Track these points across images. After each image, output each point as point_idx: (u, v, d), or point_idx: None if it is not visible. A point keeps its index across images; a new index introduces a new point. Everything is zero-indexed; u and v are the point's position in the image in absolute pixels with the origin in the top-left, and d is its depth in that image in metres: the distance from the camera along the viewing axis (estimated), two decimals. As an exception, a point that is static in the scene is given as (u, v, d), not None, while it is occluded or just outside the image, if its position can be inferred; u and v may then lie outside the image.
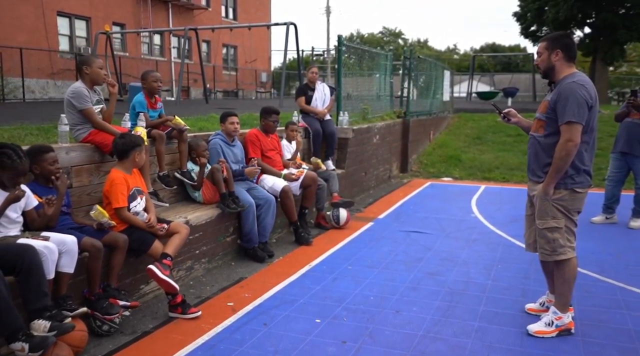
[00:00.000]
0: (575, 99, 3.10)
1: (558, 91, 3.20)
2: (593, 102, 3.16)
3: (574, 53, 3.29)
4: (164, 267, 3.51)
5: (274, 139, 5.83)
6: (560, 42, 3.25)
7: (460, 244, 5.62)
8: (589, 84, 3.19)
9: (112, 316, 3.27)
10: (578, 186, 3.25)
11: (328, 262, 4.98)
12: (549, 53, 3.27)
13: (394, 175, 10.11)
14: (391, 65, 10.34)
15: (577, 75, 3.23)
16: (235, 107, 14.15)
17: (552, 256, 3.36)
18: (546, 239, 3.36)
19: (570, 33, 4.00)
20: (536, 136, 3.36)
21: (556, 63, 3.26)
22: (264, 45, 32.86)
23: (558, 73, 3.27)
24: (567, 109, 3.10)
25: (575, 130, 3.11)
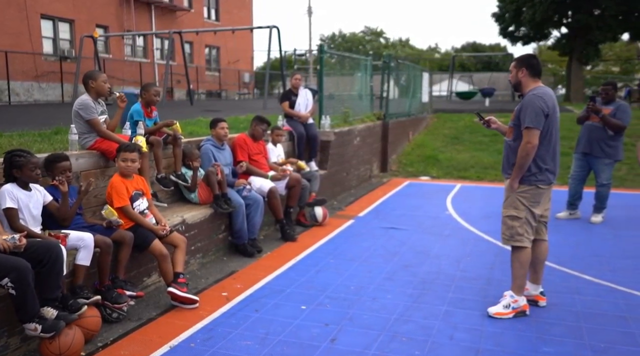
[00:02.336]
0: (533, 108, 3.67)
1: (522, 102, 3.79)
2: (550, 111, 3.71)
3: (538, 70, 3.86)
4: (180, 286, 3.97)
5: (261, 144, 6.25)
6: (525, 61, 3.84)
7: (434, 239, 6.10)
8: (547, 96, 3.75)
9: (120, 304, 3.68)
10: (541, 183, 3.80)
11: (312, 256, 5.42)
12: (516, 70, 3.86)
13: (375, 175, 10.59)
14: (371, 69, 10.79)
15: (539, 88, 3.80)
16: (220, 109, 14.51)
17: (510, 241, 3.89)
18: (507, 226, 3.89)
19: (535, 54, 4.46)
20: (507, 141, 3.95)
21: (522, 79, 3.84)
22: (247, 46, 33.16)
23: (524, 87, 3.84)
24: (527, 117, 3.68)
25: (533, 134, 3.67)
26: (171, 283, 3.97)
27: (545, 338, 3.59)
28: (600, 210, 6.92)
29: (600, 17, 25.38)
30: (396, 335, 3.60)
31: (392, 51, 59.27)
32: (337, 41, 64.53)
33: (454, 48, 61.26)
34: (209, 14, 30.31)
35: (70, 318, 3.22)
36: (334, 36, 65.05)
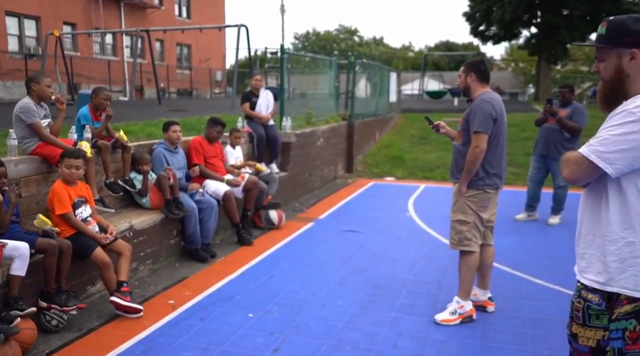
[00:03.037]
0: (482, 113, 3.68)
1: (471, 107, 3.80)
2: (498, 116, 3.74)
3: (486, 76, 3.88)
4: (124, 295, 3.87)
5: (217, 147, 6.16)
6: (474, 67, 3.87)
7: (391, 242, 6.10)
8: (495, 101, 3.78)
9: (70, 307, 3.59)
10: (488, 187, 3.82)
11: (267, 261, 5.37)
12: (465, 75, 3.87)
13: (339, 176, 10.58)
14: (336, 69, 10.77)
15: (487, 94, 3.81)
16: (187, 109, 14.31)
17: (458, 246, 3.89)
18: (455, 230, 3.90)
19: (483, 60, 4.53)
20: (456, 145, 3.96)
21: (471, 84, 3.85)
22: (219, 44, 32.84)
23: (473, 91, 3.86)
24: (476, 121, 3.69)
25: (482, 138, 3.69)
26: (114, 292, 3.87)
27: (489, 345, 3.61)
28: (557, 212, 7.02)
29: (568, 17, 25.87)
30: (340, 343, 3.57)
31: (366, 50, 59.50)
32: (311, 39, 64.47)
33: (428, 47, 61.78)
34: (180, 11, 29.92)
35: (11, 331, 3.11)
36: (308, 34, 64.97)
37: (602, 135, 1.85)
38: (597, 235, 1.93)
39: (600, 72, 1.99)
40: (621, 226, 1.86)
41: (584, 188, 2.03)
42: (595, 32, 2.06)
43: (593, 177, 1.89)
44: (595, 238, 1.94)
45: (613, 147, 1.79)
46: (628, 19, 1.90)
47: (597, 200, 1.94)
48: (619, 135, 1.79)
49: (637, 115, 1.78)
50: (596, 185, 1.94)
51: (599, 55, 1.98)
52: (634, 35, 1.87)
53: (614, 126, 1.82)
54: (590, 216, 1.98)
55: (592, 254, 1.93)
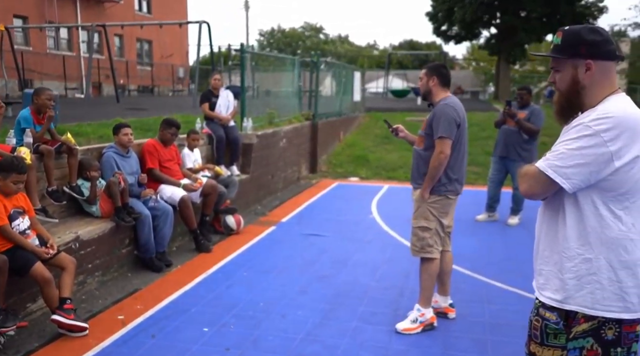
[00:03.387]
0: (446, 118, 3.62)
1: (434, 112, 3.72)
2: (461, 121, 3.69)
3: (447, 80, 3.82)
4: (67, 312, 3.61)
5: (172, 150, 5.92)
6: (436, 70, 3.79)
7: (354, 246, 5.99)
8: (458, 106, 3.73)
9: (7, 328, 3.35)
10: (450, 193, 3.77)
11: (225, 269, 5.18)
12: (427, 78, 3.79)
13: (303, 176, 10.43)
14: (299, 68, 10.61)
15: (450, 98, 3.76)
16: (146, 107, 13.89)
17: (420, 253, 3.81)
18: (417, 237, 3.81)
19: (444, 64, 4.52)
20: (418, 150, 3.86)
21: (432, 87, 3.77)
22: (181, 39, 32.16)
23: (434, 96, 3.78)
24: (440, 126, 3.62)
25: (446, 144, 3.63)
26: (56, 309, 3.61)
27: (450, 353, 3.54)
28: (516, 212, 7.07)
29: (525, 19, 26.42)
30: (299, 358, 3.43)
31: (331, 47, 59.52)
32: (277, 36, 64.01)
33: (392, 45, 62.27)
34: (140, 6, 29.16)
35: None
36: (273, 31, 64.47)
37: (559, 149, 1.80)
38: (554, 251, 1.89)
39: (556, 83, 1.94)
40: (578, 242, 1.82)
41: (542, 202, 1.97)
42: (551, 34, 2.00)
43: (550, 192, 1.85)
44: (553, 255, 1.89)
45: (570, 162, 1.75)
46: (583, 30, 1.84)
47: (554, 215, 1.89)
48: (576, 149, 1.75)
49: (593, 129, 1.73)
50: (553, 199, 1.88)
51: (555, 65, 1.92)
52: (589, 46, 1.82)
53: (570, 140, 1.77)
54: (547, 231, 1.93)
55: (549, 271, 1.89)
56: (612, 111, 1.74)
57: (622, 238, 1.77)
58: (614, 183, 1.74)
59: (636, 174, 1.74)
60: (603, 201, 1.77)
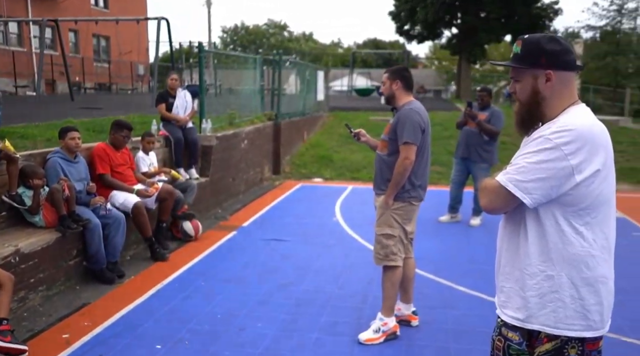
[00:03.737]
0: (411, 123, 3.53)
1: (398, 116, 3.61)
2: (425, 126, 3.62)
3: (411, 83, 3.74)
4: (2, 335, 3.33)
5: (125, 154, 5.64)
6: (399, 74, 3.70)
7: (317, 251, 5.85)
8: (422, 111, 3.65)
9: None
10: (414, 199, 3.68)
11: (182, 279, 4.95)
12: (391, 82, 3.68)
13: (266, 178, 10.24)
14: (261, 68, 10.40)
15: (414, 103, 3.67)
16: (101, 107, 13.38)
17: (384, 261, 3.70)
18: (381, 244, 3.70)
19: (407, 67, 4.48)
20: (381, 155, 3.75)
21: (396, 91, 3.68)
22: (141, 36, 31.30)
23: (398, 100, 3.68)
24: (405, 132, 3.52)
25: (411, 149, 3.54)
26: (-8, 331, 3.34)
27: (414, 365, 3.44)
28: (478, 213, 7.07)
29: (485, 19, 26.89)
30: (257, 375, 3.27)
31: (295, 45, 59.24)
32: (240, 34, 63.28)
33: (356, 44, 62.47)
34: (97, 1, 28.26)
35: None
36: (237, 28, 63.70)
37: (519, 162, 1.73)
38: (515, 267, 1.82)
39: (516, 93, 1.86)
40: (539, 258, 1.75)
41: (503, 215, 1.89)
42: (509, 34, 1.93)
43: (511, 207, 1.77)
44: (514, 271, 1.82)
45: (530, 176, 1.68)
46: (542, 39, 1.78)
47: (515, 230, 1.82)
48: (536, 163, 1.68)
49: (553, 142, 1.67)
50: (514, 214, 1.81)
51: (515, 75, 1.86)
52: (549, 56, 1.75)
53: (530, 153, 1.71)
54: (508, 247, 1.86)
55: (510, 288, 1.83)
56: (573, 123, 1.69)
57: (583, 254, 1.72)
58: (575, 198, 1.69)
59: (597, 189, 1.69)
60: (564, 216, 1.71)
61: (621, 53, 26.77)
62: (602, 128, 1.74)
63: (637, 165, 11.30)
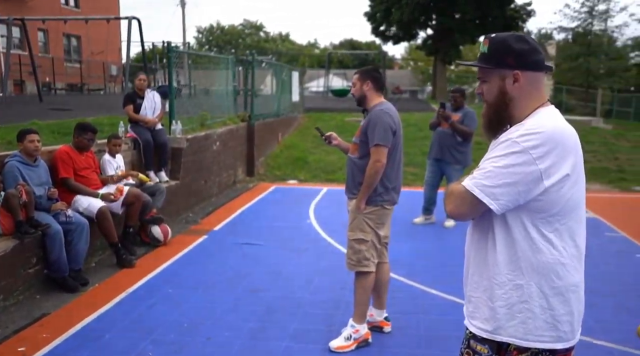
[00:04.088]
0: (382, 125, 3.45)
1: (368, 118, 3.54)
2: (396, 127, 3.55)
3: (381, 84, 3.68)
4: None
5: (89, 157, 5.45)
6: (370, 74, 3.63)
7: (290, 255, 5.74)
8: (393, 112, 3.57)
9: None
10: (387, 203, 3.60)
11: (149, 286, 4.79)
12: (361, 83, 3.61)
13: (240, 180, 10.08)
14: (234, 68, 10.24)
15: (384, 104, 3.60)
16: (71, 108, 13.06)
17: (357, 266, 3.61)
18: (354, 250, 3.61)
19: (378, 68, 4.43)
20: (352, 158, 3.66)
21: (367, 92, 3.60)
22: (113, 35, 30.71)
23: (369, 101, 3.61)
24: (376, 134, 3.45)
25: (382, 152, 3.46)
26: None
27: (385, 373, 3.35)
28: (453, 215, 7.04)
29: (460, 20, 27.15)
30: (223, 387, 3.15)
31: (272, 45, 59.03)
32: (216, 34, 62.74)
33: (333, 44, 62.51)
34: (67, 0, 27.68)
35: None
36: (212, 28, 63.14)
37: (486, 166, 1.66)
38: (483, 276, 1.75)
39: (483, 94, 1.79)
40: (508, 267, 1.68)
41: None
42: (484, 36, 1.86)
43: (478, 213, 1.70)
44: (482, 281, 1.75)
45: (497, 181, 1.61)
46: (510, 38, 1.71)
47: (482, 238, 1.75)
48: (503, 167, 1.61)
49: (521, 146, 1.60)
50: (481, 221, 1.74)
51: (482, 76, 1.78)
52: (517, 56, 1.68)
53: (497, 157, 1.64)
54: (476, 255, 1.78)
55: (478, 298, 1.76)
56: (541, 126, 1.62)
57: (553, 262, 1.66)
58: (544, 204, 1.62)
59: (566, 194, 1.63)
60: (533, 223, 1.65)
61: (592, 54, 27.32)
62: (572, 131, 1.68)
63: (608, 165, 11.48)
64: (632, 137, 14.41)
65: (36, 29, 23.54)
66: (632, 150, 12.73)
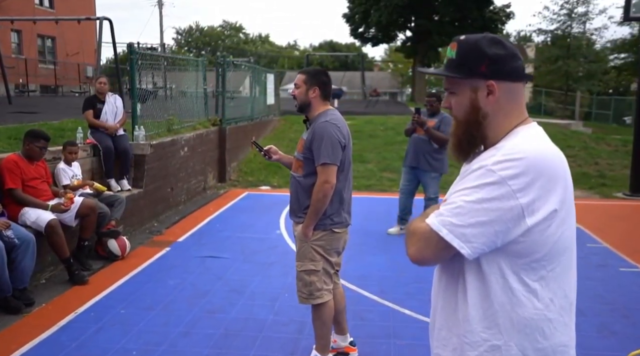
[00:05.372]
0: (329, 140, 3.04)
1: (313, 130, 3.12)
2: (346, 141, 3.15)
3: (329, 91, 3.24)
4: None
5: (40, 166, 5.08)
6: (318, 79, 3.18)
7: (255, 269, 5.43)
8: (341, 123, 3.16)
9: None
10: (337, 226, 3.20)
11: (100, 306, 4.44)
12: (307, 88, 3.17)
13: (210, 186, 9.73)
14: (204, 71, 9.89)
15: (330, 113, 3.17)
16: (39, 111, 12.60)
17: (309, 300, 3.26)
18: (303, 282, 3.24)
19: (327, 71, 4.11)
20: (296, 176, 3.25)
21: (313, 100, 3.17)
22: (89, 36, 30.08)
23: (314, 110, 3.19)
24: (322, 151, 3.03)
25: (331, 171, 3.06)
26: None
27: (348, 407, 3.07)
28: (429, 224, 6.79)
29: (439, 22, 27.10)
30: None
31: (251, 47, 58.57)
32: (195, 35, 62.08)
33: (313, 46, 62.26)
34: (42, 0, 27.00)
35: None
36: (191, 30, 62.47)
37: (455, 200, 1.34)
38: (453, 332, 1.44)
39: (452, 108, 1.48)
40: (482, 324, 1.37)
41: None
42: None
43: (446, 257, 1.39)
44: (451, 337, 1.44)
45: (469, 219, 1.30)
46: (483, 40, 1.40)
47: (451, 286, 1.44)
48: (476, 202, 1.30)
49: (497, 175, 1.30)
50: (451, 265, 1.43)
51: (450, 86, 1.47)
52: (491, 62, 1.38)
53: (469, 189, 1.33)
54: (444, 305, 1.47)
55: None
56: (522, 150, 1.33)
57: (538, 319, 1.36)
58: (527, 246, 1.32)
59: (554, 234, 1.33)
60: (513, 270, 1.35)
61: (572, 57, 27.46)
62: (559, 156, 1.39)
63: (588, 170, 11.36)
64: (612, 140, 14.37)
65: (9, 30, 22.89)
66: (613, 155, 12.66)
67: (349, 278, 5.16)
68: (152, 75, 9.57)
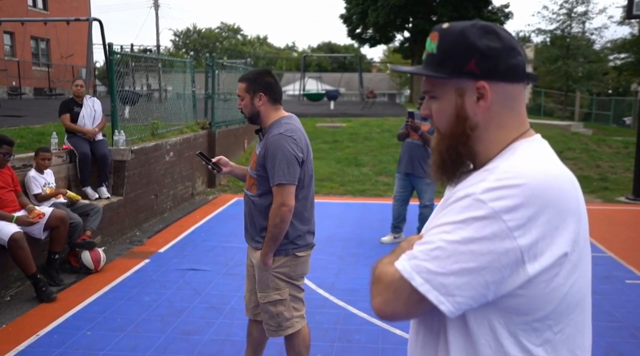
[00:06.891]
0: (284, 157, 2.63)
1: (265, 145, 2.69)
2: (304, 155, 2.72)
3: (278, 93, 2.81)
4: None
5: (5, 174, 4.75)
6: (261, 83, 2.73)
7: (237, 283, 5.09)
8: (298, 133, 2.72)
9: None
10: (300, 250, 2.82)
11: (64, 327, 4.10)
12: (251, 96, 2.74)
13: (199, 192, 9.39)
14: (192, 73, 9.56)
15: (285, 123, 2.72)
16: (26, 114, 12.29)
17: (279, 332, 2.89)
18: (270, 314, 2.86)
19: (270, 70, 3.75)
20: (249, 195, 2.83)
21: (261, 108, 2.73)
22: (83, 38, 29.75)
23: (265, 118, 2.75)
24: (277, 169, 2.63)
25: (288, 192, 2.66)
26: None
27: None
28: (424, 232, 6.46)
29: (436, 23, 26.77)
30: None
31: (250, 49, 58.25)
32: (192, 37, 61.79)
33: (311, 47, 61.97)
34: (35, 1, 26.70)
35: None
36: (189, 31, 62.17)
37: (433, 239, 1.01)
38: None
39: (432, 117, 1.15)
40: None
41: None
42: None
43: (421, 312, 1.05)
44: None
45: (451, 265, 0.97)
46: (471, 29, 1.05)
47: (430, 344, 1.11)
48: (461, 242, 0.96)
49: (489, 207, 0.96)
50: (430, 319, 1.10)
51: (429, 89, 1.13)
52: (483, 57, 1.03)
53: (452, 224, 0.99)
54: None
55: None
56: (522, 173, 0.99)
57: None
58: (527, 301, 0.99)
59: (563, 285, 0.99)
60: (510, 331, 1.02)
61: (571, 57, 27.14)
62: (571, 179, 1.05)
63: (590, 173, 11.00)
64: (613, 142, 14.03)
65: (2, 32, 22.59)
66: (614, 157, 12.31)
67: (338, 293, 4.85)
68: (132, 77, 9.21)
